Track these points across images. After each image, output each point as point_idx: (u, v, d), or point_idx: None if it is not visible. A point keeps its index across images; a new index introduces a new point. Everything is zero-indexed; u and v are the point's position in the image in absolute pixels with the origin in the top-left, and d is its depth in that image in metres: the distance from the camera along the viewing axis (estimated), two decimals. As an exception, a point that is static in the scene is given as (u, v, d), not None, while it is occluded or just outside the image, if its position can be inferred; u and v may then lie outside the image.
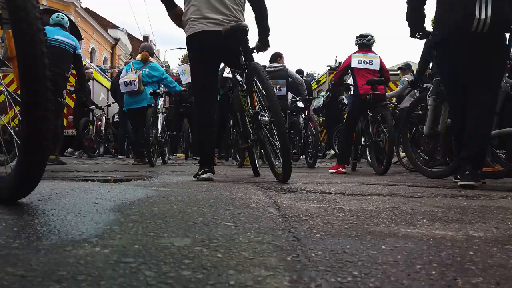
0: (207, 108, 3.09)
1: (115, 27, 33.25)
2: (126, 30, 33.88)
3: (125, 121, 6.89)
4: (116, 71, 23.43)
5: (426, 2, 2.81)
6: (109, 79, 12.84)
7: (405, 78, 6.81)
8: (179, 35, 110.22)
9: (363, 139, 4.84)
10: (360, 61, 4.78)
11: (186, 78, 4.07)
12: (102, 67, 13.55)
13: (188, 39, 3.07)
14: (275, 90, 5.96)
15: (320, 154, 9.16)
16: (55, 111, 5.18)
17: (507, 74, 2.86)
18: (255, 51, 3.69)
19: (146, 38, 41.15)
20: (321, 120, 9.27)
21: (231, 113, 5.12)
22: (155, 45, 45.72)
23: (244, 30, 2.91)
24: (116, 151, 8.21)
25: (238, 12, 3.04)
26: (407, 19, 2.95)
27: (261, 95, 2.76)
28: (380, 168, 4.29)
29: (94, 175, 3.97)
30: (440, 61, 2.71)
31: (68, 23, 5.52)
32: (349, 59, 4.93)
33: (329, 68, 11.72)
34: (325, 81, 11.56)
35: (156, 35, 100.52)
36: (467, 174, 2.44)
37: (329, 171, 4.76)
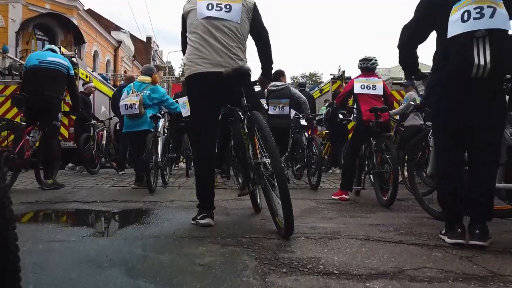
0: (207, 149, 3.03)
1: (118, 29, 33.20)
2: (129, 32, 33.80)
3: (125, 136, 6.81)
4: (119, 79, 23.44)
5: (418, 45, 2.74)
6: (111, 87, 12.81)
7: (409, 96, 6.73)
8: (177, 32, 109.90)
9: (366, 165, 4.75)
10: (363, 86, 4.70)
11: (187, 111, 4.00)
12: (104, 75, 13.46)
13: (188, 78, 3.01)
14: (278, 109, 6.04)
15: (324, 168, 9.09)
16: (51, 134, 5.13)
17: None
18: (257, 84, 3.64)
19: (149, 39, 41.13)
20: (324, 133, 9.17)
21: (232, 138, 5.01)
22: (158, 45, 45.70)
23: (246, 73, 2.84)
24: (117, 164, 8.14)
25: (237, 49, 2.95)
26: (400, 62, 2.92)
27: (263, 140, 2.67)
28: (385, 197, 4.21)
29: (91, 207, 3.92)
30: (436, 100, 2.59)
31: (60, 49, 5.49)
32: (351, 83, 4.84)
33: (332, 77, 11.65)
34: (328, 90, 11.48)
35: (158, 35, 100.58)
36: (459, 232, 2.36)
37: (333, 197, 4.69)
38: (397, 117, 6.89)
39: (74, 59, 9.48)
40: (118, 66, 31.31)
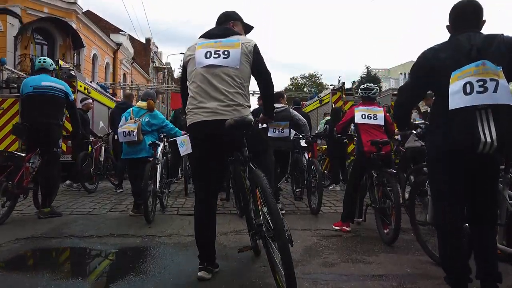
0: (207, 202, 2.96)
1: (117, 31, 33.11)
2: (128, 34, 33.69)
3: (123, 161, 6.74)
4: (118, 88, 23.18)
5: (415, 105, 2.71)
6: (111, 97, 12.75)
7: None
8: (180, 33, 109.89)
9: (367, 195, 4.70)
10: (364, 116, 4.63)
11: (185, 149, 3.92)
12: (103, 84, 13.37)
13: (189, 127, 2.96)
14: (277, 132, 5.97)
15: (324, 183, 9.04)
16: (51, 162, 5.06)
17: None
18: (260, 124, 3.59)
19: (148, 40, 41.00)
20: (323, 148, 9.11)
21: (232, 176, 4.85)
22: (157, 47, 45.58)
23: (249, 125, 2.77)
24: (115, 180, 8.07)
25: (236, 95, 2.86)
26: (394, 117, 2.90)
27: (264, 200, 2.57)
28: (386, 230, 4.15)
29: (88, 245, 3.86)
30: (433, 174, 2.54)
31: (53, 64, 5.37)
32: (352, 112, 4.77)
33: (332, 88, 11.60)
34: (328, 101, 11.41)
35: (158, 37, 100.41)
36: None
37: (333, 227, 4.63)
38: (397, 136, 6.83)
39: (72, 72, 9.45)
40: (118, 69, 31.24)
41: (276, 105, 6.14)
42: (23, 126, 4.83)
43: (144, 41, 40.52)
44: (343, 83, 11.39)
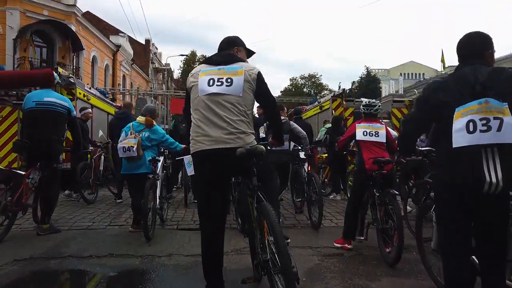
0: (212, 235, 2.91)
1: (116, 32, 33.05)
2: (128, 36, 33.61)
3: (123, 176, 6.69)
4: (118, 93, 23.02)
5: (420, 136, 2.67)
6: (110, 102, 12.69)
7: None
8: (179, 33, 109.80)
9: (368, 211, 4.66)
10: (365, 133, 4.59)
11: (192, 170, 3.88)
12: (103, 89, 13.30)
13: (192, 156, 2.93)
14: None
15: (323, 191, 9.00)
16: (51, 178, 5.02)
17: None
18: (269, 147, 3.57)
19: (147, 41, 40.94)
20: (324, 156, 9.08)
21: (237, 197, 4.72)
22: (156, 48, 45.51)
23: (260, 154, 2.73)
24: (115, 189, 8.03)
25: (239, 123, 2.82)
26: (399, 146, 2.84)
27: (272, 234, 2.53)
28: (388, 249, 4.11)
29: (87, 266, 3.82)
30: (439, 209, 2.48)
31: (56, 78, 5.34)
32: (353, 128, 4.73)
33: (332, 94, 11.56)
34: (328, 108, 11.38)
35: (158, 37, 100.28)
36: None
37: (335, 244, 4.60)
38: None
39: (71, 79, 9.40)
40: (117, 71, 31.19)
41: (277, 117, 6.13)
42: (23, 143, 4.80)
43: (143, 42, 40.47)
44: (344, 90, 11.38)
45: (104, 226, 5.53)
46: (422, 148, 3.15)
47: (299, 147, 6.31)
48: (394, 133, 6.92)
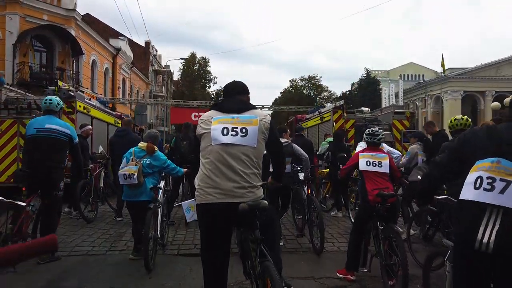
0: (215, 271, 2.88)
1: (116, 35, 33.00)
2: (127, 39, 33.56)
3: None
4: (117, 102, 22.92)
5: (448, 181, 2.59)
6: (110, 111, 12.65)
7: (411, 150, 6.58)
8: (178, 33, 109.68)
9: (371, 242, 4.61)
10: (368, 163, 4.54)
11: (192, 216, 3.82)
12: (103, 99, 13.27)
13: (197, 206, 2.85)
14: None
15: (324, 206, 8.97)
16: (51, 207, 4.97)
17: None
18: (267, 187, 3.54)
19: (147, 44, 40.90)
20: (325, 171, 9.04)
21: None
22: (156, 50, 45.45)
23: (263, 210, 2.69)
24: (114, 204, 7.99)
25: (251, 176, 2.77)
26: (421, 185, 2.78)
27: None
28: (392, 282, 4.06)
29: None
30: (453, 257, 2.44)
31: (59, 104, 5.26)
32: (357, 157, 4.68)
33: (333, 106, 11.53)
34: (329, 119, 11.34)
35: (159, 38, 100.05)
36: None
37: (338, 274, 4.56)
38: (401, 168, 6.75)
39: (71, 93, 9.37)
40: (117, 74, 31.15)
41: (279, 140, 6.09)
42: (24, 172, 4.75)
43: (143, 45, 40.43)
44: (344, 101, 11.35)
45: (104, 251, 5.48)
46: (439, 197, 3.08)
47: (299, 168, 6.27)
48: (396, 152, 6.90)
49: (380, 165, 4.52)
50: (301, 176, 6.24)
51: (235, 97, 3.05)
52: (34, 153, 4.88)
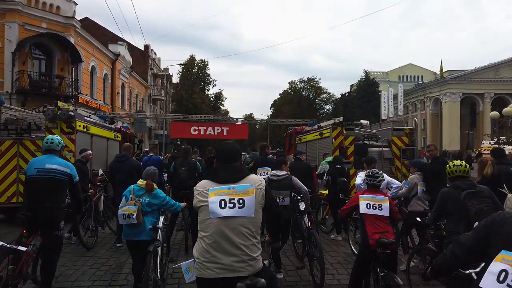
0: None
1: (115, 40, 32.96)
2: (126, 44, 33.54)
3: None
4: (118, 117, 22.85)
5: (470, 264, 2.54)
6: (109, 126, 12.66)
7: (411, 180, 6.56)
8: (178, 34, 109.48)
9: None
10: (368, 206, 4.55)
11: (191, 277, 3.81)
12: (102, 114, 13.26)
13: (198, 279, 2.83)
14: (278, 200, 5.88)
15: (324, 227, 9.00)
16: (52, 247, 4.97)
17: None
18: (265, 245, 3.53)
19: (146, 47, 40.85)
20: (325, 193, 9.06)
21: None
22: (155, 53, 45.41)
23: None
24: (114, 226, 8.00)
25: (251, 248, 2.77)
26: (444, 262, 2.63)
27: None
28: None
29: None
30: None
31: (60, 143, 5.25)
32: (357, 198, 4.69)
33: (332, 123, 11.54)
34: (328, 136, 11.34)
35: (155, 39, 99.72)
36: None
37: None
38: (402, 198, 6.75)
39: (71, 113, 9.36)
40: (116, 79, 31.11)
41: (277, 172, 6.09)
42: (25, 216, 4.74)
43: (142, 48, 40.39)
44: (344, 118, 11.36)
45: (105, 287, 5.49)
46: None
47: (299, 197, 6.27)
48: (396, 182, 6.90)
49: (380, 208, 4.53)
50: (302, 206, 6.25)
51: (229, 165, 3.03)
52: (35, 194, 4.87)
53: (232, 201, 2.80)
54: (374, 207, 4.54)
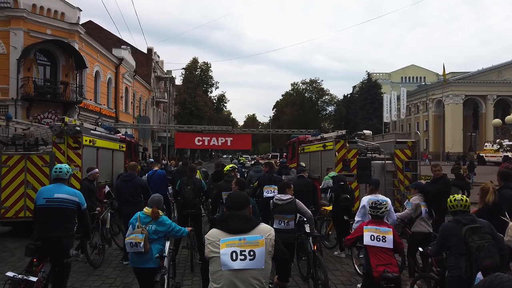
0: None
1: (119, 44, 33.10)
2: (129, 48, 33.67)
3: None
4: (122, 127, 22.90)
5: None
6: (114, 137, 12.76)
7: (413, 201, 6.64)
8: (180, 34, 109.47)
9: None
10: (372, 237, 4.63)
11: None
12: (107, 125, 13.36)
13: None
14: (283, 224, 5.97)
15: (327, 243, 9.08)
16: (61, 275, 5.08)
17: None
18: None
19: (149, 50, 40.97)
20: (328, 209, 9.13)
21: None
22: (158, 56, 45.52)
23: None
24: (121, 243, 8.10)
25: None
26: None
27: None
28: None
29: None
30: None
31: (69, 172, 5.35)
32: (361, 229, 4.77)
33: (335, 136, 11.59)
34: (331, 148, 11.39)
35: (159, 43, 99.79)
36: None
37: None
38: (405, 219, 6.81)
39: (77, 128, 9.48)
40: (120, 83, 31.24)
41: (282, 196, 6.16)
42: (35, 246, 4.84)
43: (146, 52, 40.52)
44: (347, 131, 11.41)
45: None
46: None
47: (304, 219, 6.35)
48: (393, 216, 6.84)
49: (384, 240, 4.61)
50: (307, 228, 6.33)
51: (238, 214, 3.11)
52: (44, 223, 4.98)
53: (243, 253, 2.88)
54: (378, 239, 4.62)
